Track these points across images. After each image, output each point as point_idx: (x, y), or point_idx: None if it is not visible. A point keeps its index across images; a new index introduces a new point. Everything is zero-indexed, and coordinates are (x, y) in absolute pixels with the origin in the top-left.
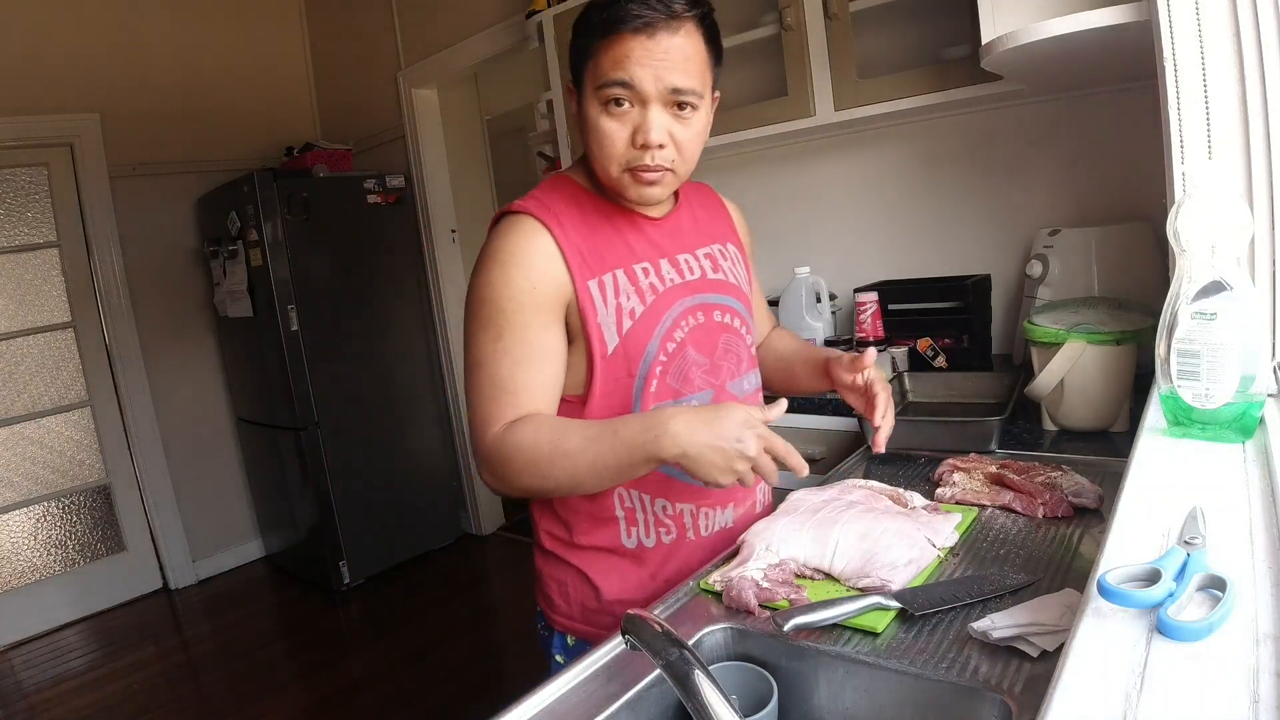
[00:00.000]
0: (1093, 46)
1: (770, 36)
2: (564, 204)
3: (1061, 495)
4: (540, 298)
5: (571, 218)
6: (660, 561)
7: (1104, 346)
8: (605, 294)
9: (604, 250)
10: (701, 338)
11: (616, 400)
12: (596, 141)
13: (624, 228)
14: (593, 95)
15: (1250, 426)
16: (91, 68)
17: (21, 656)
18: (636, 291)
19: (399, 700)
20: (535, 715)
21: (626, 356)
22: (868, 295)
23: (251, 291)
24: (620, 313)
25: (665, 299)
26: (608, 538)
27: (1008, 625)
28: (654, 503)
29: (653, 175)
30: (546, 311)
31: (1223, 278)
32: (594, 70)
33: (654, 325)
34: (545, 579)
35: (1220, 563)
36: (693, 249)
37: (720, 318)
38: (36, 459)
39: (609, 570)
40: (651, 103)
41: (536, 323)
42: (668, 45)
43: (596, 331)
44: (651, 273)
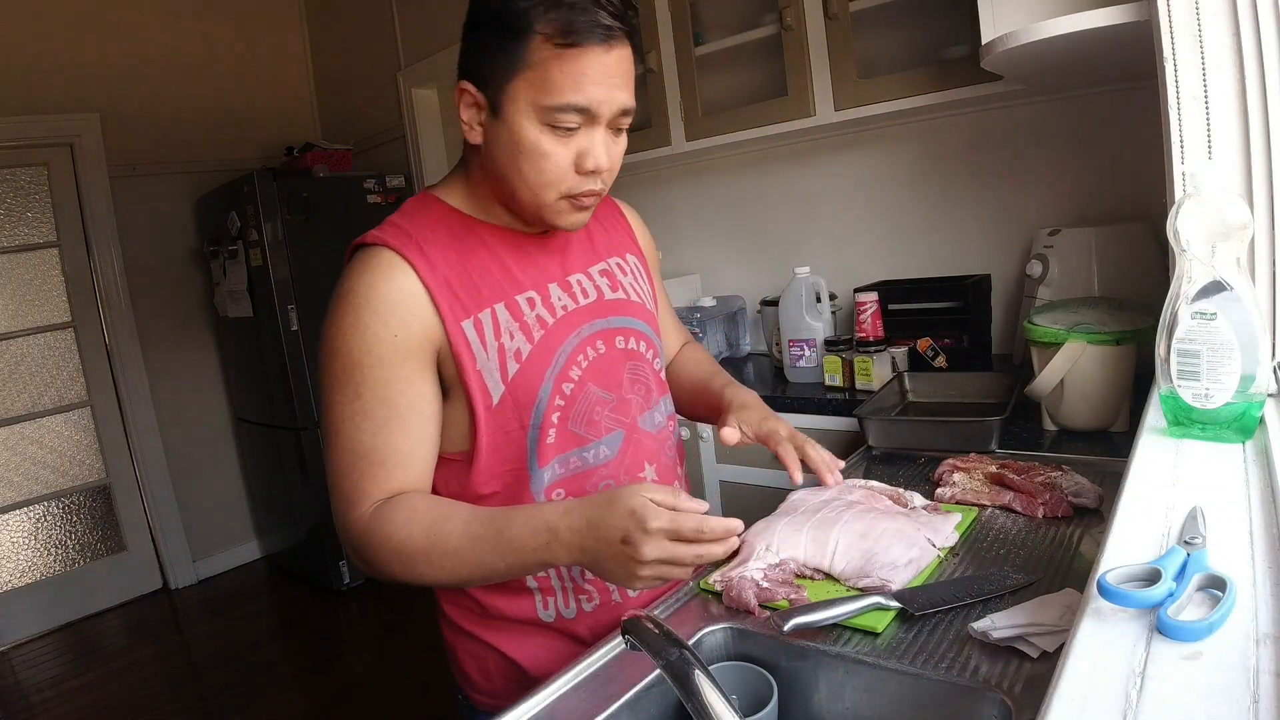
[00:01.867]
0: (1093, 46)
1: (770, 36)
2: (430, 230)
3: (1061, 495)
4: (403, 347)
5: (440, 246)
6: (587, 630)
7: (1104, 346)
8: (484, 335)
9: (480, 282)
10: (604, 370)
11: (508, 455)
12: (531, 165)
13: (503, 252)
14: (533, 112)
15: (1250, 426)
16: (91, 68)
17: (21, 656)
18: (521, 327)
19: (399, 700)
20: (535, 715)
21: (515, 405)
22: (868, 295)
23: (251, 291)
24: (504, 355)
25: (557, 332)
26: (522, 610)
27: (1008, 625)
28: (569, 570)
29: (590, 201)
30: (412, 362)
31: (1223, 278)
32: (538, 84)
33: (545, 365)
34: (460, 655)
35: (1220, 563)
36: (585, 267)
37: (623, 344)
38: (36, 459)
39: (531, 644)
40: (599, 125)
41: (400, 377)
42: (618, 59)
43: (476, 380)
44: (539, 303)
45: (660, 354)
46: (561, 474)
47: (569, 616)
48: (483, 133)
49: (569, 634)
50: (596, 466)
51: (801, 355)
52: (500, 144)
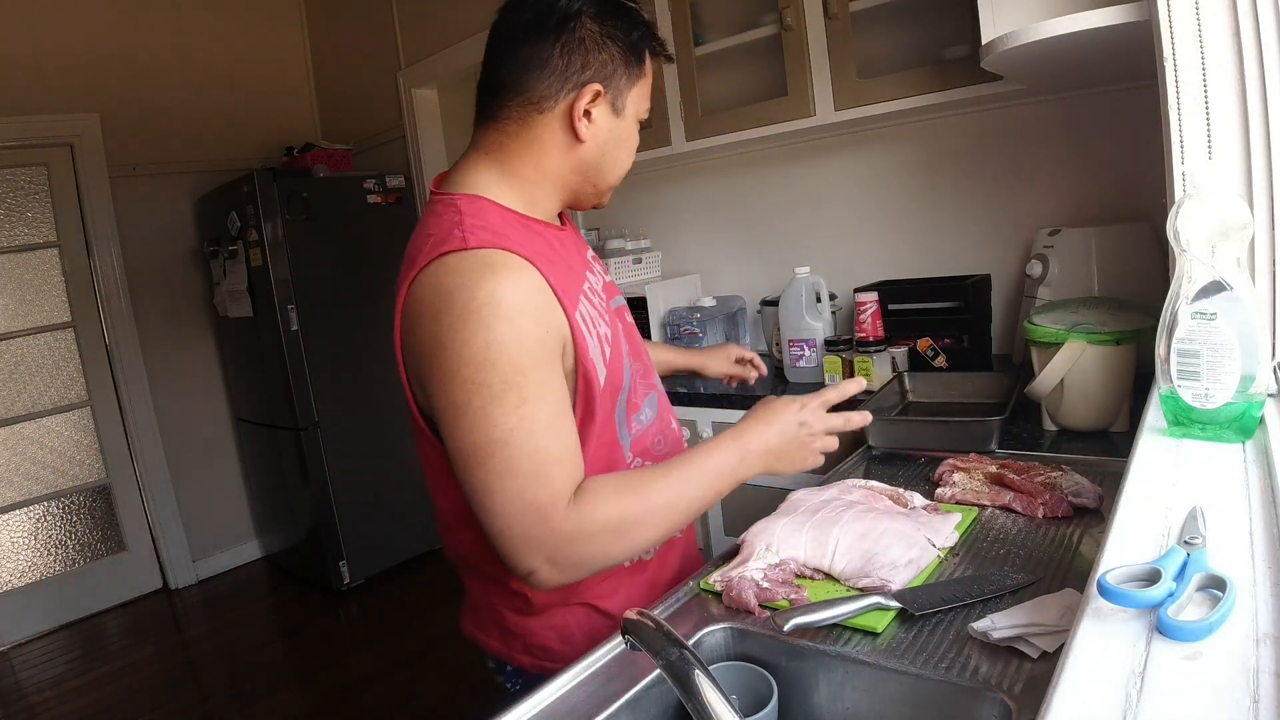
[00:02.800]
0: (1093, 46)
1: (770, 36)
2: (509, 229)
3: (1061, 495)
4: (552, 344)
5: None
6: (657, 567)
7: (1104, 346)
8: (587, 324)
9: (564, 276)
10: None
11: (607, 435)
12: (626, 155)
13: (556, 246)
14: (636, 112)
15: (1250, 426)
16: (91, 68)
17: (21, 656)
18: (599, 315)
19: (399, 700)
20: (535, 715)
21: (612, 385)
22: (868, 295)
23: (251, 291)
24: (601, 340)
25: (613, 314)
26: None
27: (1008, 625)
28: None
29: None
30: (557, 358)
31: (1223, 278)
32: (642, 91)
33: (620, 345)
34: (536, 634)
35: (1220, 563)
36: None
37: (629, 316)
38: (36, 459)
39: (613, 591)
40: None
41: (555, 374)
42: None
43: (592, 366)
44: (596, 289)
45: None
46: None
47: (647, 557)
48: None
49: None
50: (647, 427)
51: (801, 355)
52: (614, 137)
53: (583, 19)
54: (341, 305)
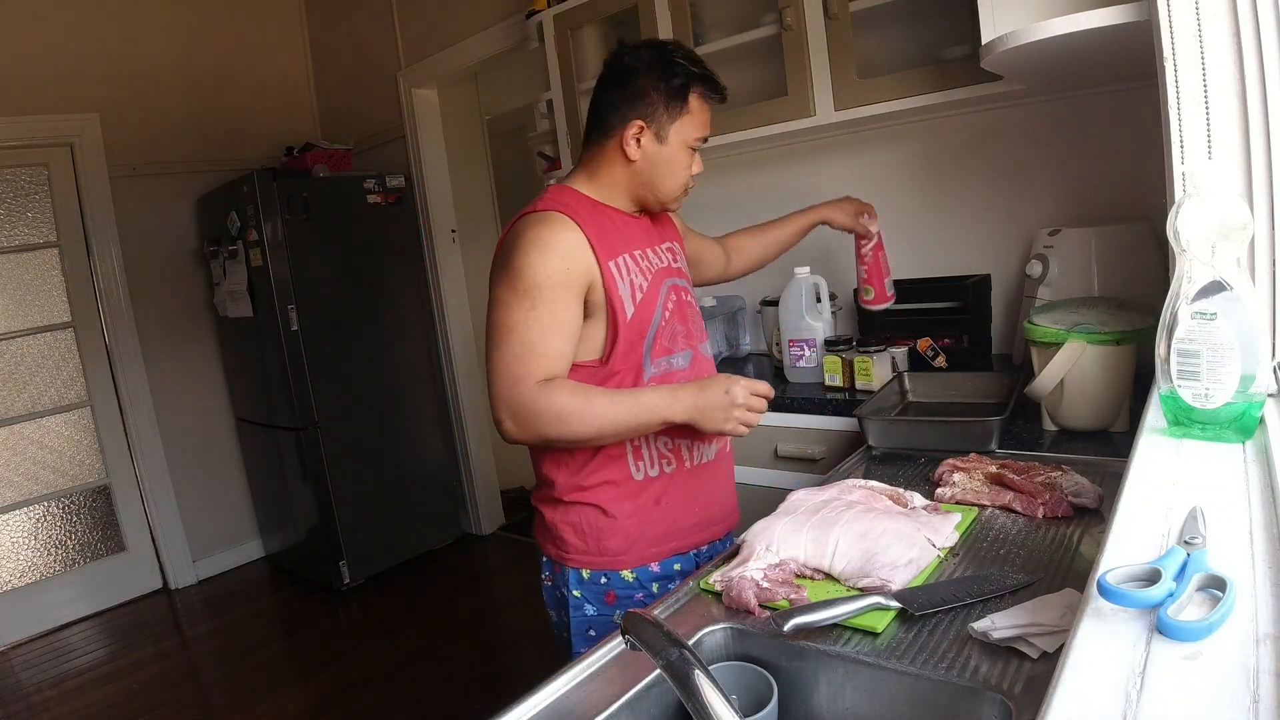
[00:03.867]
0: (1093, 46)
1: (770, 36)
2: (575, 203)
3: (1061, 495)
4: (570, 279)
5: (586, 216)
6: (661, 489)
7: (1104, 346)
8: (622, 272)
9: (614, 239)
10: (679, 309)
11: (632, 359)
12: (673, 173)
13: (621, 225)
14: (682, 141)
15: (1250, 426)
16: (91, 68)
17: (21, 656)
18: (640, 271)
19: (399, 700)
20: (536, 715)
21: (640, 322)
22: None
23: (251, 291)
24: (634, 287)
25: (659, 277)
26: (617, 472)
27: (1008, 626)
28: (657, 440)
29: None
30: (574, 290)
31: (1223, 278)
32: (688, 125)
33: (656, 296)
34: (557, 526)
35: (1220, 563)
36: (659, 243)
37: (686, 296)
38: (36, 459)
39: (618, 499)
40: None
41: (565, 298)
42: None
43: (620, 303)
44: (644, 256)
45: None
46: (656, 373)
47: (654, 476)
48: (643, 153)
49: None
50: (676, 371)
51: (801, 355)
52: (661, 160)
53: (638, 74)
54: (341, 305)
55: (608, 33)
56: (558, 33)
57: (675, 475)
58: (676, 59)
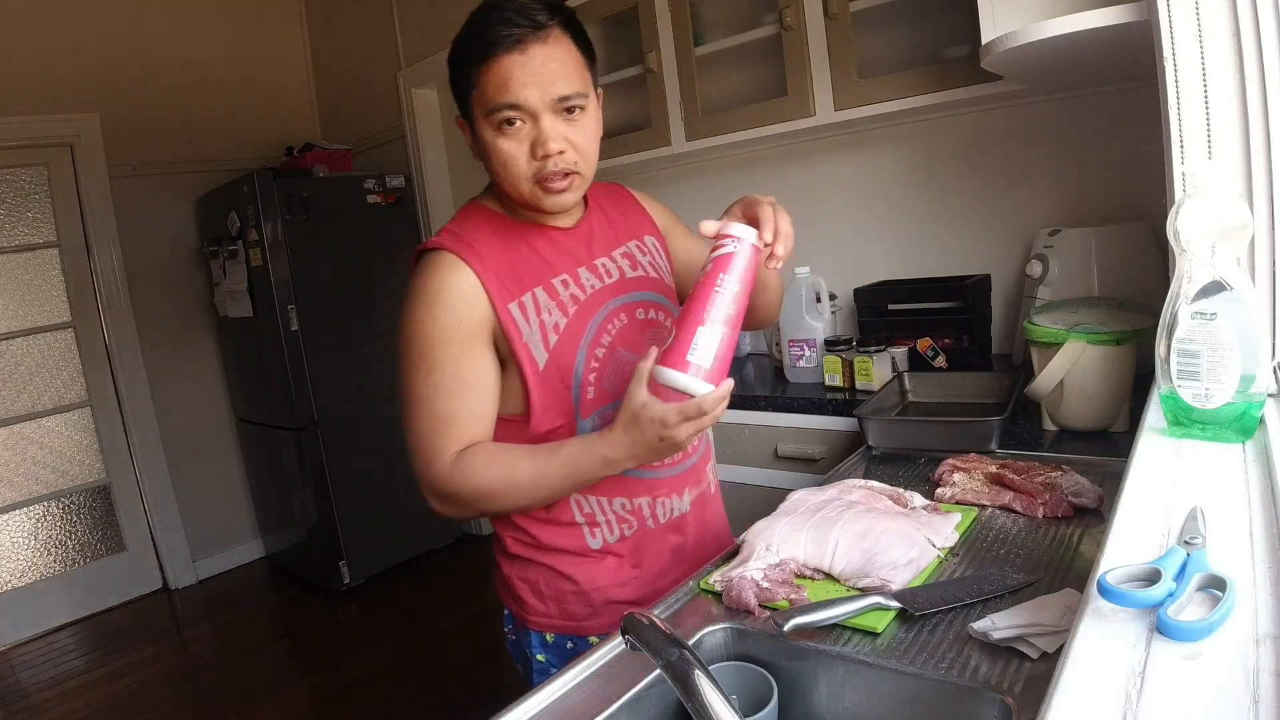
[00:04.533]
0: (1093, 46)
1: (770, 36)
2: (478, 232)
3: (1061, 495)
4: (466, 330)
5: (487, 244)
6: (628, 550)
7: (1104, 346)
8: (527, 314)
9: (522, 270)
10: (629, 337)
11: (557, 412)
12: (500, 163)
13: (539, 244)
14: (484, 121)
15: (1250, 426)
16: (91, 68)
17: (21, 656)
18: (558, 305)
19: (399, 700)
20: (535, 715)
21: (558, 369)
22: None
23: (251, 291)
24: (545, 329)
25: (587, 307)
26: (572, 541)
27: (1008, 626)
28: (612, 503)
29: (561, 182)
30: (476, 342)
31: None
32: (480, 97)
33: (579, 335)
34: (514, 581)
35: (1220, 563)
36: (608, 251)
37: (643, 315)
38: (36, 459)
39: (577, 564)
40: (542, 114)
41: (466, 354)
42: (543, 57)
43: (524, 351)
44: (571, 283)
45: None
46: (600, 424)
47: (613, 541)
48: (477, 151)
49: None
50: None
51: (801, 355)
52: (484, 155)
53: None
54: (341, 305)
55: (608, 33)
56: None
57: (640, 537)
58: (472, 18)
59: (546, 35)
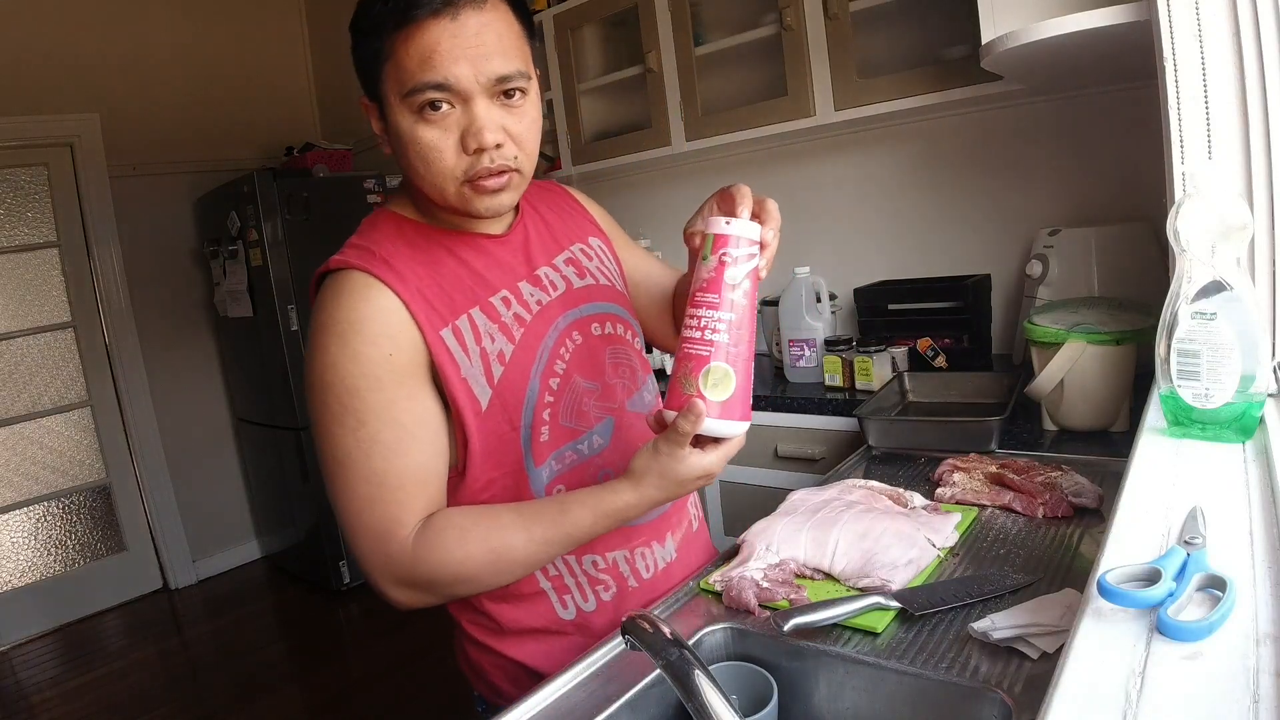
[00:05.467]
0: (1093, 46)
1: (770, 36)
2: (391, 244)
3: (1061, 495)
4: (398, 366)
5: (404, 258)
6: (606, 622)
7: (1104, 346)
8: (464, 341)
9: (451, 290)
10: (586, 359)
11: (503, 459)
12: (419, 157)
13: (468, 257)
14: (400, 104)
15: (1250, 426)
16: (91, 68)
17: (21, 656)
18: (501, 329)
19: (399, 700)
20: (535, 715)
21: (505, 408)
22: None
23: (251, 291)
24: (487, 359)
25: (536, 328)
26: (541, 616)
27: (1008, 626)
28: (580, 562)
29: (497, 181)
30: (411, 380)
31: (1223, 278)
32: (395, 74)
33: (529, 363)
34: (486, 670)
35: (1220, 563)
36: (550, 259)
37: (600, 329)
38: (36, 459)
39: (556, 652)
40: (475, 98)
41: (402, 395)
42: (477, 26)
43: (462, 388)
44: (513, 302)
45: (639, 333)
46: (559, 470)
47: (589, 610)
48: (388, 141)
49: (588, 632)
50: (591, 457)
51: (801, 355)
52: (397, 147)
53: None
54: None
55: (608, 33)
56: (557, 33)
57: (622, 602)
58: None
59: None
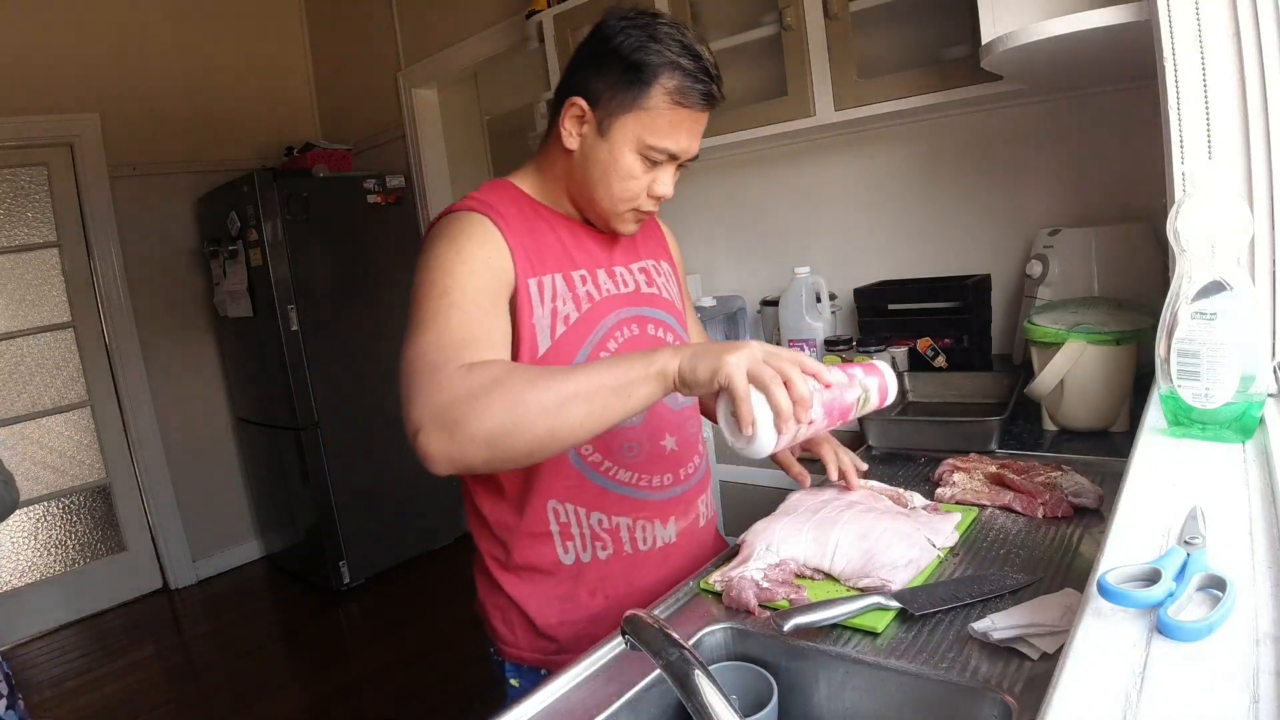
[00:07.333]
0: (1093, 46)
1: (770, 36)
2: (505, 205)
3: (1061, 495)
4: (493, 267)
5: (514, 218)
6: (599, 578)
7: (1104, 346)
8: (543, 294)
9: (544, 253)
10: (635, 348)
11: None
12: (620, 182)
13: (564, 235)
14: (631, 141)
15: (1250, 426)
16: (91, 68)
17: (21, 656)
18: (573, 297)
19: (399, 700)
20: (535, 715)
21: (557, 362)
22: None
23: (251, 291)
24: (555, 316)
25: (601, 308)
26: (543, 556)
27: (1008, 626)
28: (589, 516)
29: (645, 218)
30: (498, 285)
31: (1223, 278)
32: (646, 121)
33: (586, 334)
34: (488, 607)
35: (1220, 563)
36: (628, 262)
37: (654, 331)
38: (36, 459)
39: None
40: (674, 163)
41: (488, 289)
42: (704, 121)
43: (530, 331)
44: (589, 280)
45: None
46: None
47: (585, 561)
48: (580, 143)
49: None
50: (624, 429)
51: None
52: (597, 158)
53: (608, 39)
54: (341, 305)
55: None
56: (558, 33)
57: (615, 562)
58: (662, 33)
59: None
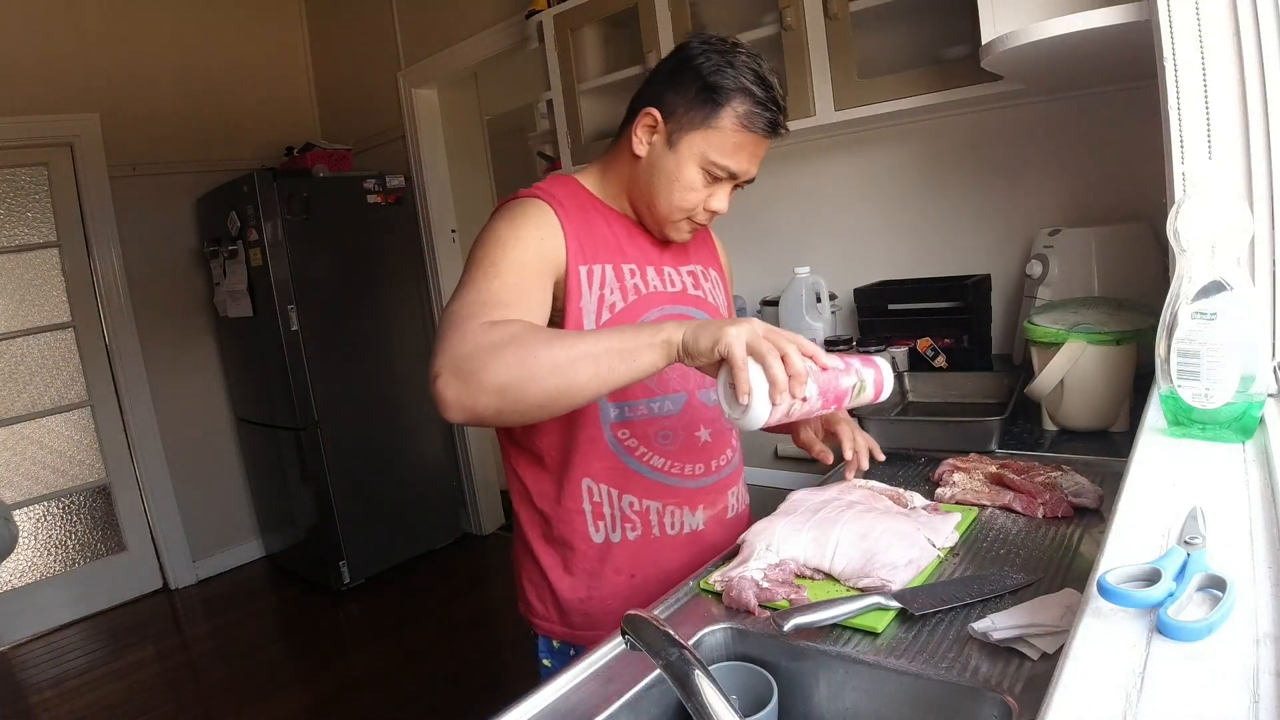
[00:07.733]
0: (1093, 46)
1: (770, 36)
2: (566, 196)
3: (1061, 495)
4: (544, 250)
5: (573, 209)
6: (627, 558)
7: (1104, 346)
8: (592, 282)
9: (598, 244)
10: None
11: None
12: (681, 193)
13: (618, 231)
14: (697, 156)
15: (1250, 426)
16: (91, 68)
17: (21, 656)
18: (621, 288)
19: (399, 700)
20: (535, 715)
21: None
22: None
23: (251, 291)
24: (602, 304)
25: (645, 301)
26: (575, 532)
27: (1008, 626)
28: (621, 498)
29: (698, 228)
30: (545, 265)
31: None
32: (713, 139)
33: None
34: (522, 578)
35: (1220, 563)
36: (677, 265)
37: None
38: (36, 459)
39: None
40: (732, 182)
41: (534, 267)
42: (765, 146)
43: (576, 315)
44: (637, 274)
45: None
46: (626, 415)
47: (615, 541)
48: (649, 151)
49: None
50: (661, 417)
51: None
52: (663, 167)
53: (689, 59)
54: (341, 305)
55: (608, 33)
56: (558, 33)
57: (644, 545)
58: (739, 60)
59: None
